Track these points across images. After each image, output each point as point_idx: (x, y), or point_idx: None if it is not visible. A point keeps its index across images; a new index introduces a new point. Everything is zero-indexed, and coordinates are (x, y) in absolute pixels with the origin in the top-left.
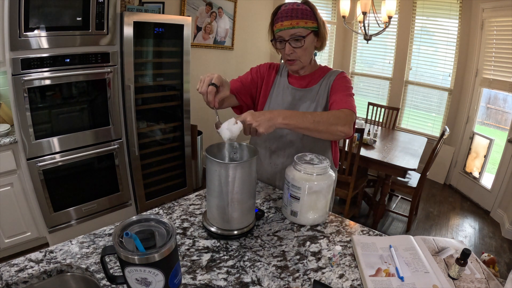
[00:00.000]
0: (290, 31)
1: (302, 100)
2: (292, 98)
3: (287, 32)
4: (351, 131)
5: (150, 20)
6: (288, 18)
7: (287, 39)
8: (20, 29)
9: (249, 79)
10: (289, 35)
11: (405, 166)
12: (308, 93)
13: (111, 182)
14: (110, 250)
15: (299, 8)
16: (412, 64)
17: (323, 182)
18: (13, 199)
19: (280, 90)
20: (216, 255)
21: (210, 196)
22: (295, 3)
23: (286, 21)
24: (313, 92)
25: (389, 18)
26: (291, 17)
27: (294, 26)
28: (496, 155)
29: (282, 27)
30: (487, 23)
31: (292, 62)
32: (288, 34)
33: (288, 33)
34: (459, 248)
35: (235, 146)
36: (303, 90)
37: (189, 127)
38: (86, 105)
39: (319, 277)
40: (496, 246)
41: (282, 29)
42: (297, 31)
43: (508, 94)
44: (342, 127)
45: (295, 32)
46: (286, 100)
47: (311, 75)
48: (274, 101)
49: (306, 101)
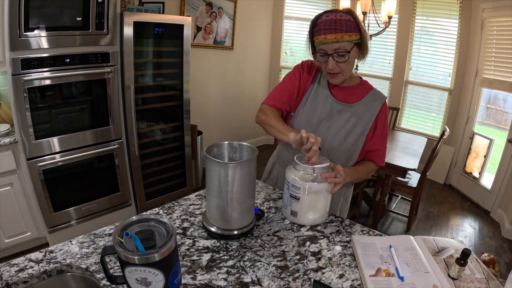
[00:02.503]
0: (334, 45)
1: (340, 113)
2: (330, 109)
3: (330, 46)
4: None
5: (150, 20)
6: (332, 31)
7: (331, 53)
8: (20, 29)
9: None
10: (332, 49)
11: (405, 166)
12: (348, 108)
13: (111, 182)
14: (110, 250)
15: (343, 20)
16: (412, 64)
17: (323, 183)
18: (13, 199)
19: (318, 96)
20: (216, 255)
21: (210, 196)
22: (338, 13)
23: (330, 35)
24: (353, 109)
25: (389, 18)
26: (335, 30)
27: (339, 40)
28: (496, 155)
29: (325, 40)
30: (487, 23)
31: (334, 76)
32: (331, 48)
33: (331, 47)
34: (459, 248)
35: (234, 146)
36: (343, 105)
37: (189, 127)
38: (86, 105)
39: (319, 277)
40: (496, 246)
41: (326, 42)
42: (342, 45)
43: (508, 94)
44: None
45: (339, 47)
46: (325, 110)
47: (353, 89)
48: (311, 106)
49: (344, 115)
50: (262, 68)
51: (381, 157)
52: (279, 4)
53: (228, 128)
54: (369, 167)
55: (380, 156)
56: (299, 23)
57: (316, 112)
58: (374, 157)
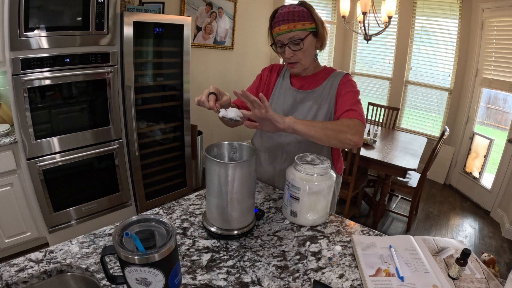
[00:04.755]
0: (288, 34)
1: (303, 102)
2: (293, 100)
3: (285, 36)
4: (361, 140)
5: (150, 20)
6: (285, 21)
7: (286, 42)
8: (20, 29)
9: (256, 86)
10: (287, 38)
11: (405, 166)
12: (310, 95)
13: (111, 182)
14: (110, 250)
15: (296, 11)
16: (412, 64)
17: (323, 183)
18: (13, 199)
19: (282, 92)
20: (216, 255)
21: (210, 196)
22: (291, 6)
23: (283, 25)
24: (315, 94)
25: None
26: (287, 21)
27: (292, 29)
28: (496, 155)
29: (280, 31)
30: (487, 23)
31: (293, 65)
32: (286, 38)
33: (286, 37)
34: (459, 248)
35: (234, 146)
36: (304, 92)
37: (189, 127)
38: (86, 105)
39: (319, 277)
40: (496, 246)
41: (280, 33)
42: (295, 34)
43: (508, 94)
44: (352, 136)
45: (293, 36)
46: (287, 102)
47: (314, 76)
48: (276, 102)
49: (307, 103)
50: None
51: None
52: (279, 4)
53: (228, 128)
54: (343, 121)
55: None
56: None
57: (280, 105)
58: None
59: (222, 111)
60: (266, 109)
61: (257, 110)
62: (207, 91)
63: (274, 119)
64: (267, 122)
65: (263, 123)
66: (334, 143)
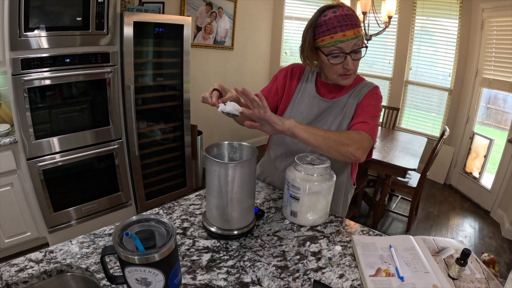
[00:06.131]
0: (353, 41)
1: (327, 111)
2: (318, 110)
3: (350, 43)
4: (363, 157)
5: (150, 20)
6: (349, 27)
7: (349, 51)
8: (20, 29)
9: (268, 89)
10: (351, 46)
11: (405, 166)
12: (335, 104)
13: (111, 182)
14: (110, 250)
15: (352, 14)
16: (412, 64)
17: (323, 183)
18: (13, 199)
19: (305, 98)
20: (216, 255)
21: (210, 196)
22: (344, 8)
23: (348, 31)
24: (340, 104)
25: (389, 18)
26: (351, 26)
27: (357, 35)
28: (496, 155)
29: (345, 38)
30: (487, 23)
31: (347, 76)
32: (350, 45)
33: (350, 44)
34: (459, 248)
35: (234, 146)
36: (330, 102)
37: (189, 127)
38: (86, 105)
39: (319, 277)
40: (496, 246)
41: (345, 40)
42: (359, 41)
43: (508, 94)
44: (354, 150)
45: (357, 43)
46: (312, 112)
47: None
48: (297, 109)
49: (332, 112)
50: (262, 68)
51: (367, 128)
52: (279, 4)
53: (228, 128)
54: (349, 133)
55: (366, 127)
56: (299, 23)
57: (304, 114)
58: (358, 128)
59: (221, 106)
60: (264, 109)
61: (256, 110)
62: (211, 88)
63: (272, 121)
64: (265, 123)
65: (262, 124)
66: (335, 154)
